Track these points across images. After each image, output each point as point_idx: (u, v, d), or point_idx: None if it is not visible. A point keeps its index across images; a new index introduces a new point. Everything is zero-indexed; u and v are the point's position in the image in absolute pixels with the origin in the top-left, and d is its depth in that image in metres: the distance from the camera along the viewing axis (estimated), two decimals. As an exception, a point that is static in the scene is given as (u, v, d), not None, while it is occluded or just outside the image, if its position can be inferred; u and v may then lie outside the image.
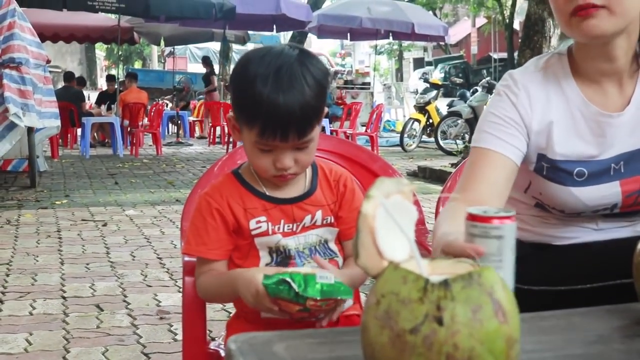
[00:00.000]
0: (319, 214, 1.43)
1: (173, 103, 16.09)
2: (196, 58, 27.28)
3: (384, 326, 0.73)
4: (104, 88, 17.99)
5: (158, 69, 26.27)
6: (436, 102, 12.78)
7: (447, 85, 19.41)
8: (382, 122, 14.57)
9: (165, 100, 16.95)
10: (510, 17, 23.10)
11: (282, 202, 1.41)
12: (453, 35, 27.47)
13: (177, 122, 14.87)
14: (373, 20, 14.01)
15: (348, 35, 16.45)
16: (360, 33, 15.90)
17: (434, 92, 12.75)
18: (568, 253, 1.47)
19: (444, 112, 12.56)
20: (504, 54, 24.35)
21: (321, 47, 36.63)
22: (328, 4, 18.38)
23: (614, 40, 1.36)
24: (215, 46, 23.31)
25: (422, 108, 12.51)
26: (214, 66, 17.80)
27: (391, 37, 16.67)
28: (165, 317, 3.19)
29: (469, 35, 32.20)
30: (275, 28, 13.88)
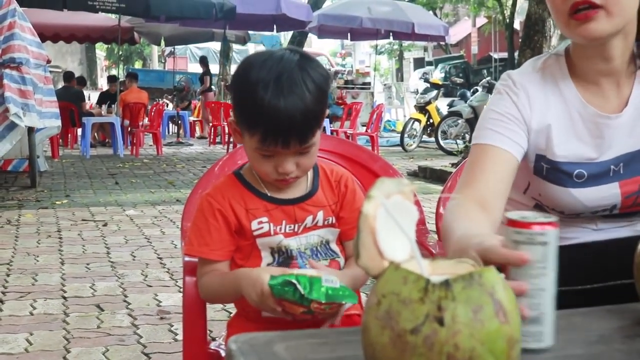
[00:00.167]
0: (321, 215, 1.43)
1: (173, 103, 16.08)
2: (196, 58, 27.20)
3: (385, 326, 0.73)
4: (105, 88, 18.00)
5: (158, 69, 26.27)
6: (436, 102, 12.79)
7: (448, 85, 19.41)
8: (383, 122, 14.57)
9: (165, 100, 16.95)
10: (510, 17, 23.11)
11: (284, 203, 1.41)
12: (453, 35, 27.47)
13: (178, 122, 14.87)
14: (373, 20, 14.00)
15: (348, 35, 16.45)
16: (360, 33, 15.91)
17: (435, 92, 12.76)
18: (567, 253, 1.46)
19: (445, 112, 12.56)
20: (505, 54, 24.36)
21: (321, 47, 36.62)
22: (328, 4, 18.37)
23: (611, 40, 1.35)
24: (215, 46, 23.31)
25: (423, 108, 12.51)
26: (215, 66, 17.82)
27: (391, 37, 16.67)
28: (165, 317, 3.19)
29: (470, 35, 32.22)
30: (275, 28, 13.88)
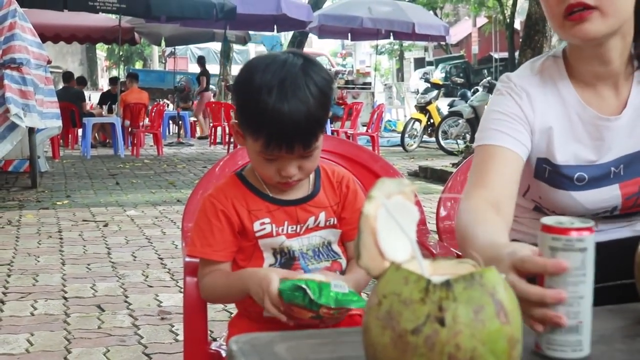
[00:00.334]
0: (322, 216, 1.43)
1: (174, 103, 16.08)
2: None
3: (386, 327, 0.73)
4: (105, 88, 17.97)
5: (159, 70, 26.25)
6: (437, 102, 12.79)
7: (448, 85, 19.41)
8: (383, 122, 14.57)
9: (166, 101, 16.94)
10: (511, 17, 23.10)
11: (286, 204, 1.41)
12: (454, 35, 27.47)
13: (179, 123, 14.87)
14: (374, 20, 14.00)
15: (349, 35, 16.44)
16: (361, 33, 15.90)
17: (435, 92, 12.76)
18: None
19: (445, 112, 12.57)
20: (505, 54, 24.36)
21: (322, 47, 36.63)
22: (329, 4, 18.38)
23: (608, 42, 1.33)
24: (216, 46, 23.29)
25: (423, 108, 12.51)
26: (216, 66, 17.80)
27: (392, 37, 16.66)
28: (166, 318, 3.19)
29: (470, 35, 32.24)
30: (276, 28, 13.87)
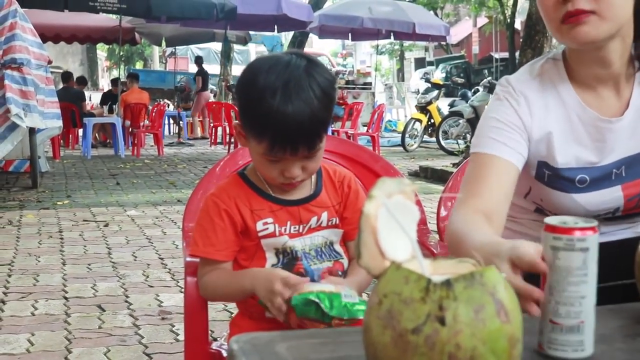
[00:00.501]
0: (325, 216, 1.44)
1: (174, 104, 16.07)
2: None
3: (386, 326, 0.73)
4: (106, 89, 17.95)
5: (159, 70, 26.25)
6: (437, 102, 12.79)
7: (449, 85, 19.38)
8: (384, 122, 14.58)
9: (166, 101, 16.94)
10: (511, 17, 23.08)
11: (289, 204, 1.41)
12: (454, 35, 27.45)
13: (179, 123, 14.87)
14: (374, 20, 14.00)
15: (349, 35, 16.45)
16: (361, 33, 15.91)
17: (436, 92, 12.76)
18: None
19: (446, 112, 12.57)
20: (506, 54, 24.35)
21: (322, 47, 36.62)
22: (329, 4, 18.39)
23: (608, 44, 1.32)
24: (216, 46, 23.30)
25: (424, 108, 12.52)
26: (216, 66, 17.79)
27: (392, 37, 16.66)
28: (167, 318, 3.19)
29: (470, 35, 32.25)
30: (276, 28, 13.88)
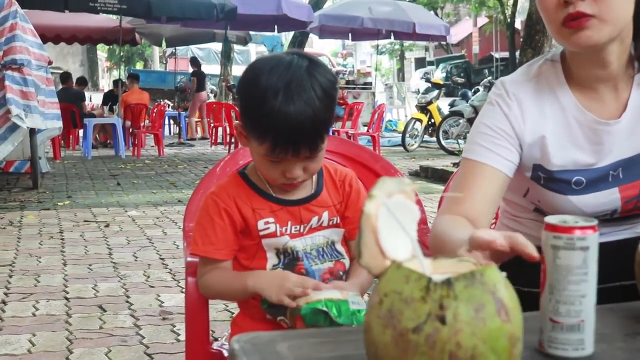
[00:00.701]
0: (326, 215, 1.43)
1: (175, 104, 16.06)
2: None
3: (387, 325, 0.73)
4: (106, 89, 17.93)
5: (159, 70, 26.26)
6: (438, 102, 12.79)
7: (449, 84, 19.38)
8: (384, 122, 14.58)
9: (167, 101, 16.93)
10: (511, 17, 23.08)
11: (289, 204, 1.41)
12: (454, 34, 27.45)
13: (179, 123, 14.87)
14: (374, 20, 14.00)
15: (349, 35, 16.45)
16: (361, 33, 15.90)
17: (436, 92, 12.76)
18: None
19: (446, 112, 12.57)
20: (506, 54, 24.35)
21: (322, 47, 36.62)
22: (329, 4, 18.38)
23: (607, 46, 1.32)
24: (216, 47, 23.30)
25: (424, 108, 12.52)
26: (216, 67, 17.77)
27: (392, 37, 16.66)
28: (167, 318, 3.19)
29: (471, 34, 32.24)
30: (276, 28, 13.89)
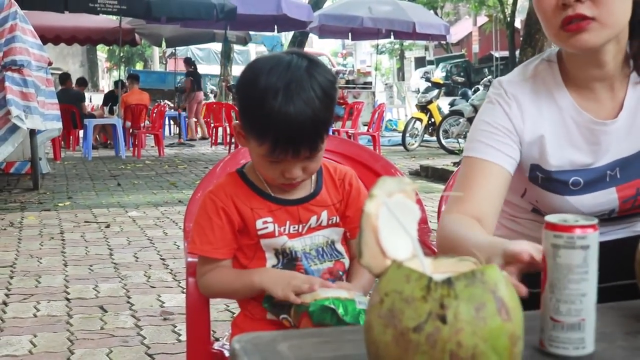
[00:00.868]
0: (325, 215, 1.43)
1: (175, 104, 16.06)
2: (198, 59, 27.31)
3: (388, 325, 0.73)
4: (106, 90, 17.92)
5: (159, 70, 26.28)
6: (438, 101, 12.78)
7: (449, 84, 19.36)
8: (384, 122, 14.58)
9: (167, 102, 16.92)
10: (511, 16, 23.06)
11: (288, 204, 1.41)
12: (454, 34, 27.42)
13: (179, 124, 14.87)
14: (374, 19, 14.00)
15: (349, 35, 16.46)
16: (361, 33, 15.91)
17: (436, 91, 12.76)
18: None
19: (446, 111, 12.56)
20: (506, 53, 24.33)
21: (322, 47, 36.60)
22: (329, 4, 18.37)
23: (604, 47, 1.33)
24: (216, 47, 23.30)
25: (424, 107, 12.51)
26: (216, 67, 17.75)
27: (392, 37, 16.67)
28: (168, 318, 3.19)
29: (471, 34, 32.20)
30: (276, 28, 13.89)
